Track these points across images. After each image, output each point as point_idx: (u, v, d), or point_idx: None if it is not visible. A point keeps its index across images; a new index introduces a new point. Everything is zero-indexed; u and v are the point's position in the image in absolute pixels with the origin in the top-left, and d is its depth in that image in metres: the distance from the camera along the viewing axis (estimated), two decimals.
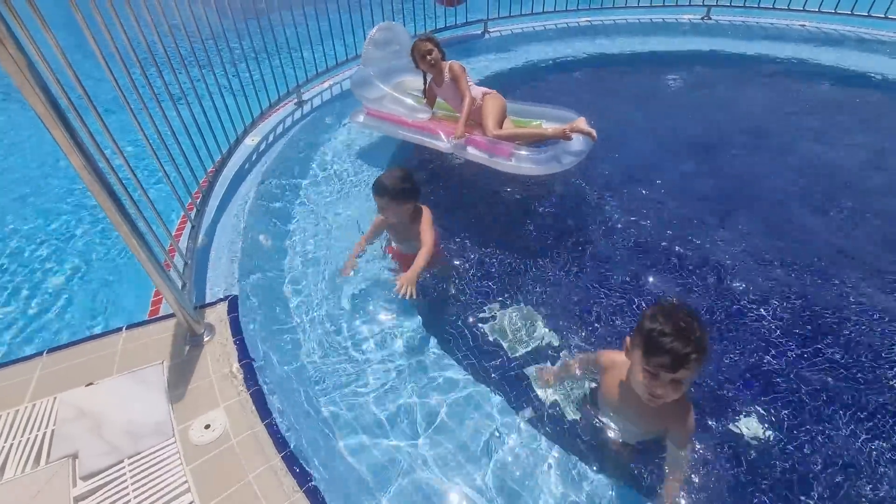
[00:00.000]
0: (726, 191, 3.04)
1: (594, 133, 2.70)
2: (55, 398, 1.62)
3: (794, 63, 4.70)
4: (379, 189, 2.04)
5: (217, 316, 1.91)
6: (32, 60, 1.12)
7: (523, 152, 2.70)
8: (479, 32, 5.38)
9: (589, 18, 5.59)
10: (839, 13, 4.94)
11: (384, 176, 2.09)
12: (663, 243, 2.56)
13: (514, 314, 2.16)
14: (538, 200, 2.93)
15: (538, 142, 2.80)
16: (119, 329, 1.88)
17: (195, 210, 2.31)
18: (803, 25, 5.14)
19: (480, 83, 3.00)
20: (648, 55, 5.01)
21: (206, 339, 1.81)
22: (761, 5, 5.24)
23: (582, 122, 2.75)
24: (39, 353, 1.81)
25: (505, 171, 2.75)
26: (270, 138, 3.32)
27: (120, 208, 1.40)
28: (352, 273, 2.28)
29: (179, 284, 1.81)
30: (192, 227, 2.21)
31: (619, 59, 5.00)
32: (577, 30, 5.50)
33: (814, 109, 3.97)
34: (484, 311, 2.18)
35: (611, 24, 5.55)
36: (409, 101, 3.13)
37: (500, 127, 2.84)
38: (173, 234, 2.29)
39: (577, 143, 2.69)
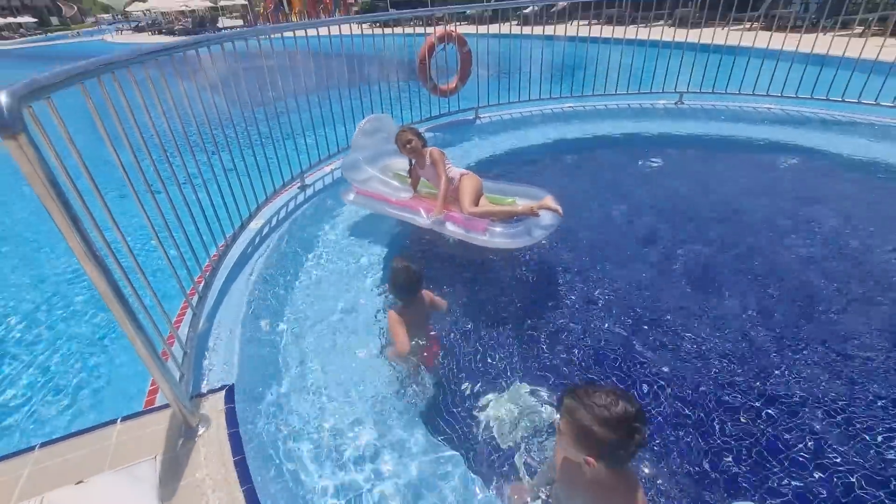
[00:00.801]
0: (705, 265, 3.14)
1: (560, 209, 2.94)
2: (42, 498, 1.58)
3: (761, 142, 5.03)
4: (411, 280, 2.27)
5: (213, 406, 1.91)
6: (37, 142, 1.21)
7: (497, 228, 2.98)
8: (472, 118, 5.79)
9: (572, 105, 6.04)
10: (800, 97, 5.37)
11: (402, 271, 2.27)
12: (640, 314, 2.65)
13: (505, 399, 2.15)
14: (523, 277, 3.04)
15: (510, 218, 3.07)
16: (114, 421, 1.87)
17: (197, 296, 2.37)
18: (769, 108, 5.55)
19: (472, 164, 3.24)
20: (626, 137, 5.37)
21: (200, 431, 1.79)
22: (728, 91, 5.66)
23: (549, 200, 2.99)
24: (32, 448, 1.79)
25: (481, 245, 3.00)
26: (274, 222, 3.47)
27: (120, 298, 1.44)
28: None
29: (177, 376, 1.83)
30: (194, 314, 2.26)
31: (599, 141, 5.35)
32: (562, 115, 5.92)
33: (779, 185, 4.20)
34: (475, 399, 2.17)
35: (592, 109, 5.99)
36: (394, 182, 3.55)
37: (476, 205, 3.13)
38: (173, 321, 2.34)
39: (546, 218, 2.95)
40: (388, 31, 5.26)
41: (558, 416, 1.27)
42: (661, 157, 4.84)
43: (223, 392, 1.98)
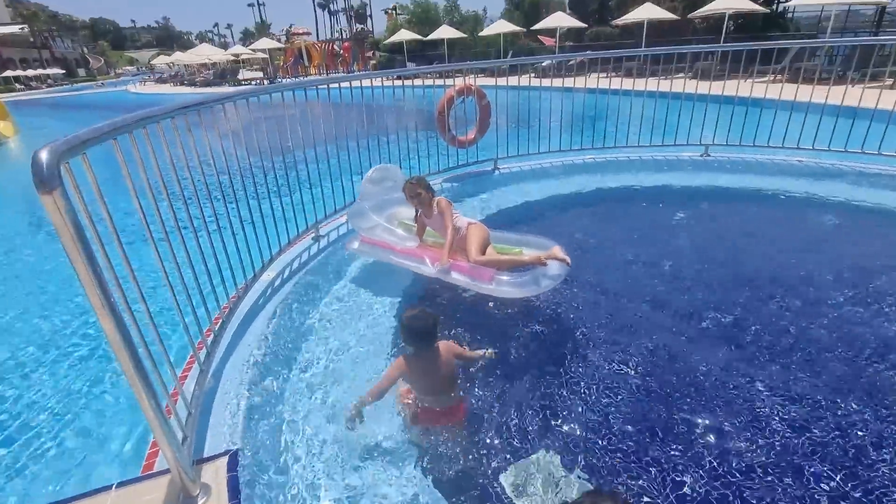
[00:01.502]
0: (728, 317, 3.10)
1: (568, 259, 3.00)
2: None
3: (796, 195, 5.06)
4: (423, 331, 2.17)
5: (215, 473, 1.86)
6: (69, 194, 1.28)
7: (504, 277, 3.05)
8: (490, 169, 5.95)
9: (593, 156, 6.18)
10: (832, 150, 5.42)
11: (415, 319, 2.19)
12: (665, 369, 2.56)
13: (530, 466, 2.06)
14: (547, 335, 2.99)
15: (517, 267, 3.13)
16: (108, 487, 1.83)
17: (205, 350, 2.37)
18: (800, 161, 5.60)
19: (492, 214, 3.33)
20: (650, 189, 5.45)
21: (200, 501, 1.74)
22: (756, 143, 5.75)
23: (557, 250, 3.04)
24: None
25: (487, 293, 3.09)
26: (286, 273, 3.52)
27: (132, 352, 1.45)
28: (354, 425, 2.19)
29: (180, 437, 1.80)
30: (201, 370, 2.26)
31: (622, 192, 5.44)
32: (582, 167, 6.06)
33: (808, 239, 4.20)
34: (496, 465, 2.08)
35: (614, 160, 6.12)
36: (400, 231, 3.67)
37: (483, 254, 3.21)
38: (179, 375, 2.34)
39: (554, 268, 3.00)
40: (407, 82, 5.52)
41: None
42: (689, 210, 4.86)
43: (226, 458, 1.93)
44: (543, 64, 16.66)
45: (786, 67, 12.23)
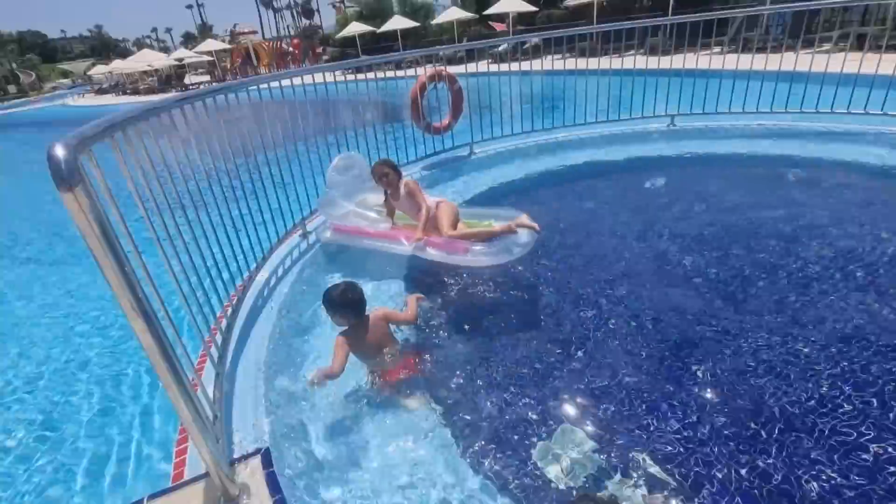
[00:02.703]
0: (709, 270, 3.27)
1: (536, 226, 3.14)
2: None
3: (746, 156, 5.36)
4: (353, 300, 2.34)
5: (251, 473, 1.81)
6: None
7: (477, 247, 3.17)
8: (466, 154, 5.96)
9: (567, 134, 6.28)
10: (790, 111, 5.71)
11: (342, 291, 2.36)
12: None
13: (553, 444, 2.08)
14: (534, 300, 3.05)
15: (489, 238, 3.22)
16: (140, 501, 1.76)
17: (218, 355, 2.30)
18: (761, 124, 5.87)
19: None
20: (626, 162, 5.61)
21: (243, 502, 1.70)
22: (718, 111, 5.98)
23: (525, 218, 3.18)
24: None
25: (463, 265, 3.24)
26: (280, 272, 3.44)
27: (166, 356, 1.40)
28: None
29: (216, 439, 1.75)
30: (217, 373, 2.19)
31: (594, 166, 5.58)
32: (556, 145, 6.16)
33: (768, 193, 4.42)
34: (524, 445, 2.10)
35: (587, 137, 6.24)
36: (372, 214, 3.76)
37: (455, 229, 3.34)
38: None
39: (524, 235, 3.14)
40: (370, 75, 5.38)
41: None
42: (660, 176, 5.02)
43: (258, 456, 1.89)
44: (500, 48, 16.76)
45: (732, 38, 12.71)
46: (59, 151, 1.15)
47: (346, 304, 2.33)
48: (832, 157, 4.99)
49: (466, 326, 2.92)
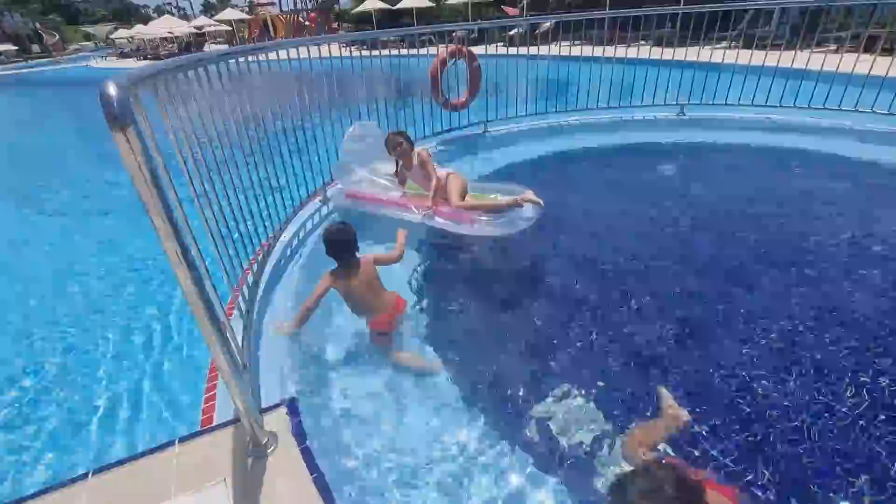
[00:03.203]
0: (715, 248, 3.27)
1: (542, 201, 3.13)
2: None
3: (754, 148, 5.25)
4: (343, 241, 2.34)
5: (278, 422, 1.79)
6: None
7: (483, 218, 3.17)
8: (481, 132, 5.82)
9: (578, 117, 6.12)
10: (799, 107, 5.54)
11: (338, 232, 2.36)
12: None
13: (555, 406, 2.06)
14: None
15: (496, 210, 3.22)
16: (171, 443, 1.75)
17: (245, 309, 2.25)
18: (769, 118, 5.71)
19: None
20: (632, 147, 5.50)
21: (269, 449, 1.68)
22: (727, 103, 5.82)
23: (530, 194, 3.18)
24: (83, 476, 1.65)
25: (469, 234, 3.22)
26: (301, 234, 3.38)
27: (208, 305, 1.36)
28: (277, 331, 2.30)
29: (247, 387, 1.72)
30: (245, 325, 2.15)
31: (603, 150, 5.48)
32: (569, 128, 6.01)
33: (770, 185, 4.32)
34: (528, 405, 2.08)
35: (596, 121, 6.09)
36: (384, 181, 3.71)
37: (462, 200, 3.32)
38: None
39: (528, 210, 3.14)
40: (384, 52, 5.16)
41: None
42: (672, 163, 4.92)
43: (285, 406, 1.87)
44: (512, 32, 16.27)
45: (741, 34, 12.34)
46: (112, 90, 1.07)
47: (333, 242, 2.33)
48: (839, 152, 4.87)
49: (467, 291, 2.95)
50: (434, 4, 27.66)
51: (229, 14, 32.37)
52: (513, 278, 3.17)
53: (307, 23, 35.73)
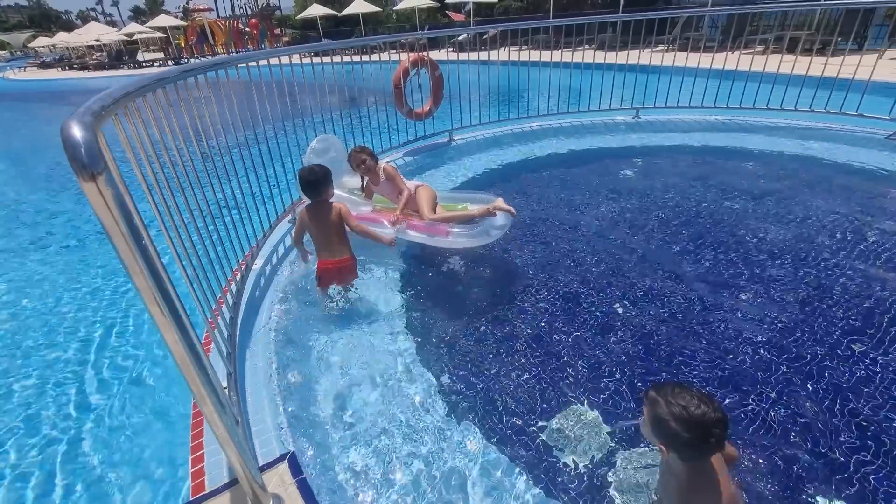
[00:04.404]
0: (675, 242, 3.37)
1: (513, 209, 3.06)
2: None
3: (699, 147, 5.52)
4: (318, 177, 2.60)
5: (279, 481, 1.60)
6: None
7: (457, 230, 3.10)
8: (446, 140, 5.73)
9: (540, 123, 6.17)
10: (743, 107, 5.86)
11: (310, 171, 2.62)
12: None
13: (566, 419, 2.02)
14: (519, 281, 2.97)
15: (468, 220, 3.17)
16: None
17: (227, 353, 2.03)
18: (718, 119, 6.00)
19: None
20: (593, 150, 5.61)
21: None
22: (679, 104, 6.06)
23: (501, 202, 3.11)
24: None
25: (444, 247, 3.18)
26: (274, 260, 3.14)
27: (199, 365, 1.17)
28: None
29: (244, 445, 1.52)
30: (229, 374, 1.93)
31: (565, 156, 5.55)
32: (530, 134, 6.04)
33: (712, 178, 4.57)
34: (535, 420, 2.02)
35: (557, 126, 6.16)
36: (352, 197, 3.56)
37: (434, 212, 3.24)
38: None
39: (500, 218, 3.06)
40: (326, 59, 4.84)
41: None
42: (631, 164, 5.05)
43: (285, 462, 1.68)
44: (460, 37, 16.36)
45: (676, 38, 13.01)
46: (78, 133, 0.88)
47: (302, 181, 2.60)
48: (773, 148, 5.21)
49: (439, 300, 2.92)
50: (380, 10, 27.40)
51: (163, 20, 30.51)
52: (482, 285, 3.14)
53: (248, 29, 34.38)
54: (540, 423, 1.98)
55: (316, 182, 2.60)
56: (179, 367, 1.12)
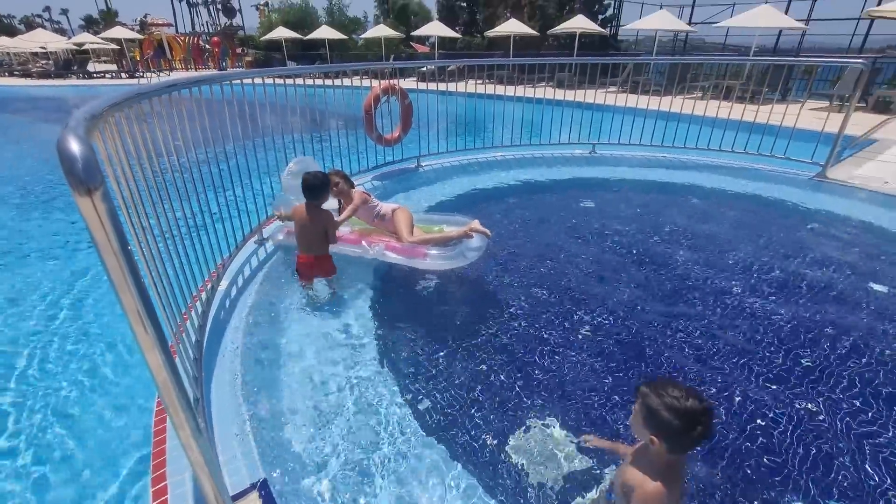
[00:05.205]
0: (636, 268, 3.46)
1: (488, 231, 3.19)
2: None
3: (644, 182, 5.92)
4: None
5: None
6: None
7: (434, 252, 3.20)
8: (414, 166, 5.81)
9: (503, 153, 6.40)
10: (687, 147, 6.35)
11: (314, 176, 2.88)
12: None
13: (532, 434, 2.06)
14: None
15: (445, 243, 3.27)
16: None
17: (194, 377, 1.93)
18: (665, 157, 6.45)
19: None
20: (557, 181, 5.89)
21: None
22: (630, 142, 6.48)
23: (477, 224, 3.25)
24: None
25: (422, 268, 3.23)
26: (240, 281, 3.04)
27: (180, 389, 1.12)
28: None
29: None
30: (195, 398, 1.83)
31: (527, 185, 5.80)
32: (494, 163, 6.24)
33: (655, 211, 4.90)
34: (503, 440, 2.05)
35: (521, 157, 6.41)
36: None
37: (412, 234, 3.33)
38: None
39: (476, 240, 3.18)
40: (289, 81, 4.73)
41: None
42: (589, 194, 5.33)
43: (256, 491, 1.60)
44: (423, 70, 16.81)
45: (626, 81, 13.97)
46: (75, 147, 0.85)
47: (306, 182, 2.86)
48: (714, 185, 5.69)
49: (414, 323, 2.94)
50: (347, 38, 27.74)
51: (118, 32, 29.27)
52: (452, 304, 3.23)
53: (208, 46, 33.67)
54: (512, 444, 2.01)
55: (317, 187, 2.87)
56: (160, 389, 1.07)
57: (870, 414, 2.20)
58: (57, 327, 3.20)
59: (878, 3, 12.57)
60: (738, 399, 2.31)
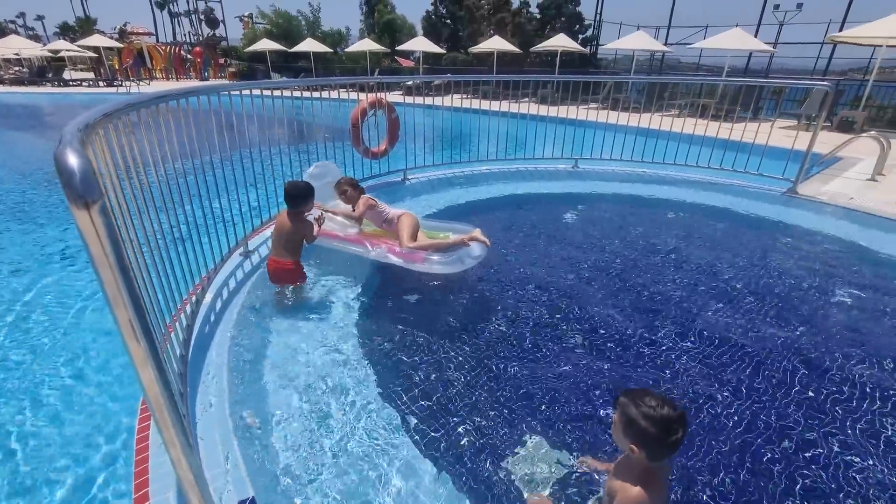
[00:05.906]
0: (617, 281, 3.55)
1: (488, 241, 3.37)
2: None
3: (625, 196, 6.09)
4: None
5: None
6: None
7: (434, 257, 3.30)
8: (400, 179, 5.83)
9: (488, 167, 6.47)
10: (666, 163, 6.54)
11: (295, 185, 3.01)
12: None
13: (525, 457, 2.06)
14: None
15: (445, 249, 3.37)
16: None
17: (180, 393, 1.87)
18: (644, 172, 6.62)
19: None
20: (539, 194, 6.00)
21: None
22: (612, 157, 6.64)
23: (478, 233, 3.43)
24: None
25: (420, 272, 3.31)
26: (224, 294, 2.98)
27: (172, 406, 1.10)
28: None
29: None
30: (182, 415, 1.78)
31: (512, 198, 5.88)
32: (480, 176, 6.31)
33: (634, 225, 5.01)
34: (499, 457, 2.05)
35: (506, 171, 6.50)
36: (342, 219, 3.73)
37: (414, 240, 3.47)
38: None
39: (475, 248, 3.31)
40: (287, 94, 4.79)
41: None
42: (572, 207, 5.43)
43: None
44: (409, 84, 16.99)
45: (607, 97, 14.35)
46: (73, 160, 0.84)
47: (285, 190, 2.98)
48: (691, 199, 5.87)
49: (403, 333, 2.95)
50: (332, 51, 27.84)
51: (96, 40, 28.82)
52: (440, 315, 3.22)
53: (190, 56, 33.35)
54: (507, 464, 2.00)
55: (293, 196, 2.96)
56: (152, 406, 1.05)
57: (825, 421, 2.27)
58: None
59: (840, 29, 13.29)
60: (709, 407, 2.36)
